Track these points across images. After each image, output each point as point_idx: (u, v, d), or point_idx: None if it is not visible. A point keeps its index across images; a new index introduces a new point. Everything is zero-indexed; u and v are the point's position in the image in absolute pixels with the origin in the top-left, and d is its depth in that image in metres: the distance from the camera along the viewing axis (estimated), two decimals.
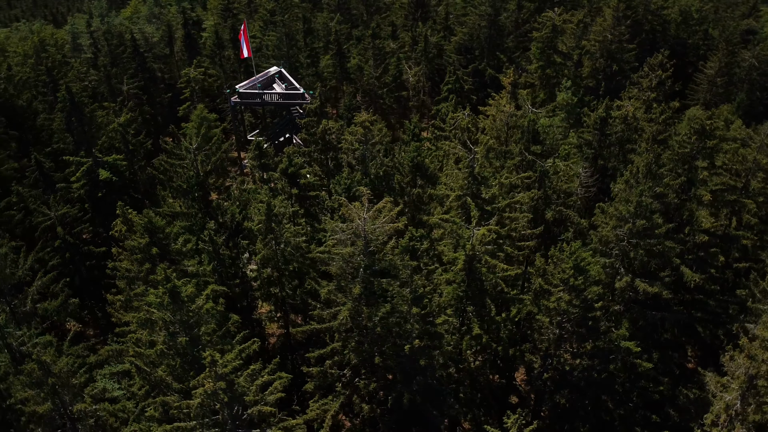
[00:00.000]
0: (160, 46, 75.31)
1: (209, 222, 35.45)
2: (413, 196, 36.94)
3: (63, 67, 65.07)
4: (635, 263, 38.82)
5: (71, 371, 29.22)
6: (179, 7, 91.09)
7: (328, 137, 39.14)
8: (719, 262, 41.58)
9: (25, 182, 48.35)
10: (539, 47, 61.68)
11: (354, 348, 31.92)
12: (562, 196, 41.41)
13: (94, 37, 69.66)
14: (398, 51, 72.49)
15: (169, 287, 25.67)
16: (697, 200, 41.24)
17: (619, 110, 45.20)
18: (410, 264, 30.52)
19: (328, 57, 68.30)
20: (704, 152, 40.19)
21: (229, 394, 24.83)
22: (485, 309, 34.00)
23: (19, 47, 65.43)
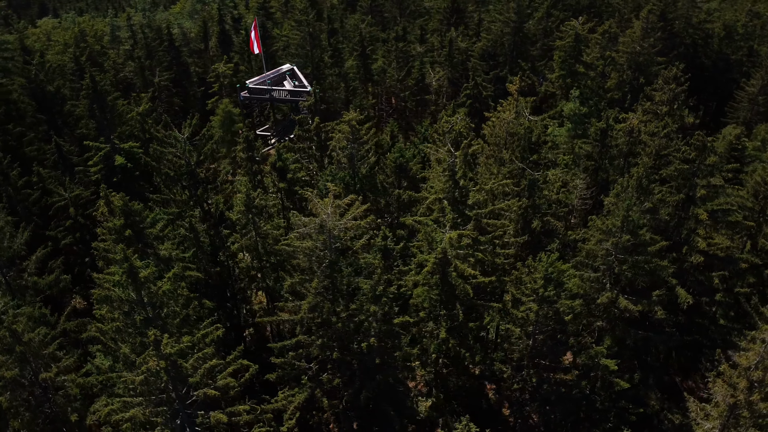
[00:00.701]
0: (195, 42, 77.88)
1: (195, 210, 36.64)
2: (394, 196, 37.13)
3: (100, 57, 68.20)
4: (622, 279, 37.80)
5: (44, 342, 30.78)
6: (221, 3, 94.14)
7: (322, 134, 39.80)
8: (714, 284, 40.00)
9: (46, 163, 50.95)
10: (561, 56, 60.68)
11: (317, 342, 32.36)
12: (554, 207, 40.71)
13: (132, 30, 72.68)
14: (424, 55, 72.62)
15: (126, 267, 26.77)
16: (695, 219, 39.76)
17: (624, 122, 44.06)
18: (373, 263, 30.74)
19: (352, 58, 69.08)
20: (703, 170, 38.76)
21: (172, 374, 25.68)
22: (455, 314, 33.83)
23: (61, 36, 69.04)
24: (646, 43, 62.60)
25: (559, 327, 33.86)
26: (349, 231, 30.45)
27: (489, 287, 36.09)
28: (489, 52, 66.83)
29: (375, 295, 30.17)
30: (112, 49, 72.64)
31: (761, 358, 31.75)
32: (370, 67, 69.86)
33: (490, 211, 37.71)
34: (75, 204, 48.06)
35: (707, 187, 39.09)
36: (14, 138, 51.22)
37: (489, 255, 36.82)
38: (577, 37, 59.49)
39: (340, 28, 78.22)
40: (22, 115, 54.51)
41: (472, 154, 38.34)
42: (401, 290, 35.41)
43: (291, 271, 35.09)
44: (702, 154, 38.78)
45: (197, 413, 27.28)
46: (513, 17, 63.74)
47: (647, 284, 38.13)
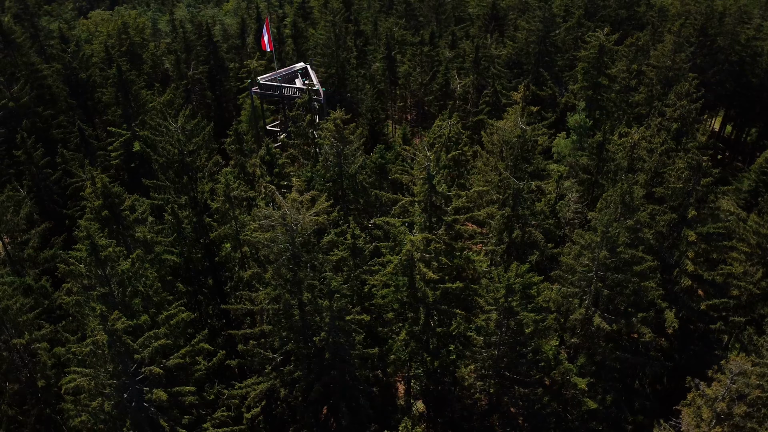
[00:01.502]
0: (234, 38, 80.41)
1: (181, 197, 38.10)
2: (372, 196, 37.45)
3: (139, 48, 71.48)
4: (601, 297, 36.79)
5: (22, 310, 32.78)
6: (267, 2, 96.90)
7: (315, 132, 40.58)
8: (700, 311, 38.38)
9: (69, 146, 53.92)
10: (584, 67, 59.30)
11: (282, 333, 33.10)
12: (540, 217, 40.02)
13: (174, 24, 75.75)
14: (453, 60, 72.50)
15: (87, 244, 28.27)
16: (685, 241, 38.28)
17: (626, 137, 42.82)
18: (330, 259, 31.18)
19: (379, 60, 69.76)
20: (698, 190, 37.30)
21: (120, 349, 26.91)
22: (417, 317, 33.86)
23: (105, 28, 72.82)
24: (678, 57, 60.39)
25: (521, 339, 33.30)
26: (312, 226, 31.02)
27: (462, 294, 35.85)
28: (514, 60, 66.07)
29: (330, 290, 30.59)
30: (153, 42, 75.93)
31: (727, 389, 30.40)
32: (395, 70, 70.35)
33: (469, 217, 37.51)
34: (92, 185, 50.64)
35: (700, 208, 37.61)
36: (42, 120, 54.42)
37: (462, 261, 36.64)
38: (601, 49, 57.96)
39: (374, 31, 79.13)
40: (55, 100, 57.86)
41: (454, 158, 38.25)
42: (371, 290, 35.73)
43: (263, 262, 35.97)
44: (696, 173, 37.36)
45: (144, 389, 28.45)
46: (539, 26, 62.77)
47: (626, 304, 36.95)
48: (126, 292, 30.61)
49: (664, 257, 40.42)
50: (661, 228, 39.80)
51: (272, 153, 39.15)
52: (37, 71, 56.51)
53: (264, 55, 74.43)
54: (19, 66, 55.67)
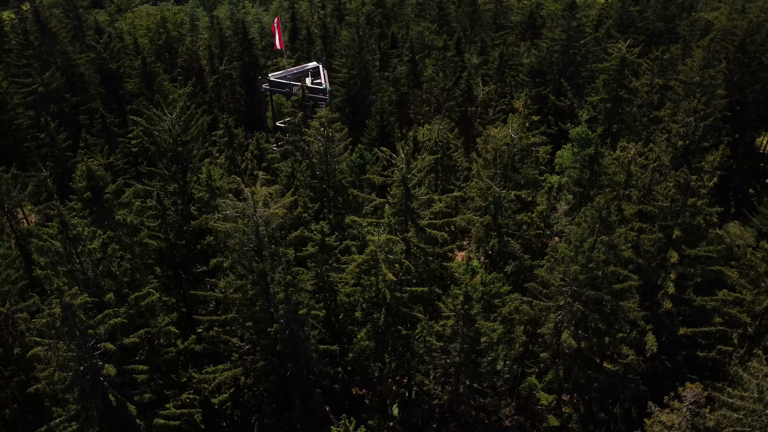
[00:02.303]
0: (269, 36, 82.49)
1: (170, 185, 39.60)
2: (348, 196, 37.80)
3: (176, 42, 74.35)
4: (574, 314, 35.91)
5: (7, 280, 34.88)
6: (309, 2, 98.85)
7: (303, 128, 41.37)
8: (678, 334, 36.76)
9: (92, 131, 56.71)
10: (605, 79, 57.78)
11: (240, 322, 33.95)
12: (524, 228, 39.36)
13: (212, 21, 78.48)
14: (480, 67, 71.97)
15: (57, 222, 29.89)
16: (669, 262, 36.78)
17: (622, 152, 41.56)
18: (289, 253, 31.75)
19: (404, 63, 70.06)
20: (684, 210, 35.84)
21: (69, 323, 28.29)
22: (378, 318, 34.00)
23: (145, 21, 76.17)
24: (707, 73, 58.01)
25: (480, 348, 32.87)
26: (276, 219, 31.72)
27: (429, 298, 35.75)
28: (537, 70, 65.03)
29: (286, 282, 31.17)
30: (190, 37, 78.76)
31: (684, 419, 29.25)
32: (419, 74, 70.43)
33: (446, 222, 37.36)
34: (108, 170, 53.13)
35: (686, 228, 36.18)
36: (69, 106, 57.46)
37: (435, 266, 36.53)
38: (623, 61, 56.30)
39: (405, 35, 79.36)
40: (86, 87, 61.00)
41: (444, 164, 38.17)
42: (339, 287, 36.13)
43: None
44: (685, 193, 35.95)
45: (100, 364, 29.76)
46: (562, 36, 61.56)
47: (604, 323, 35.87)
48: (97, 270, 32.12)
49: (649, 278, 39.03)
50: (648, 247, 38.47)
51: (261, 148, 40.11)
52: (69, 59, 59.74)
53: (293, 53, 76.08)
54: (53, 54, 59.01)
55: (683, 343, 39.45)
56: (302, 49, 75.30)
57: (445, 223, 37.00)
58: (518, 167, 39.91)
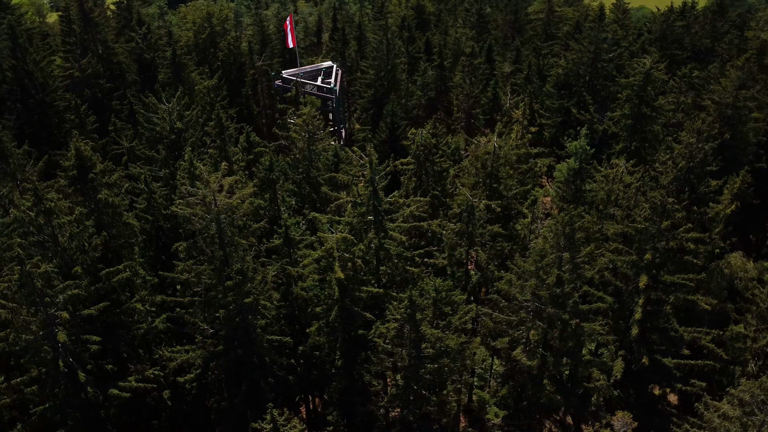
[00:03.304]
0: (310, 35, 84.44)
1: (162, 170, 41.57)
2: (322, 194, 38.38)
3: (218, 37, 77.39)
4: (538, 330, 35.06)
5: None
6: (359, 4, 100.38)
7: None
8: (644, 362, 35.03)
9: (121, 116, 59.99)
10: (627, 95, 55.73)
11: (197, 305, 35.25)
12: (499, 240, 38.68)
13: (258, 17, 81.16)
14: (512, 75, 71.01)
15: (31, 196, 32.15)
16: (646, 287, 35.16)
17: (612, 169, 40.08)
18: (242, 242, 32.69)
19: (432, 68, 70.12)
20: (661, 234, 34.22)
21: (27, 290, 30.36)
22: (327, 315, 34.43)
23: (192, 16, 79.65)
24: (741, 95, 54.84)
25: (425, 354, 32.65)
26: (235, 209, 32.83)
27: (385, 300, 35.86)
28: (563, 81, 63.42)
29: (236, 270, 32.14)
30: (234, 32, 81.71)
31: None
32: (446, 79, 70.24)
33: (413, 226, 37.34)
34: (129, 153, 56.19)
35: (657, 252, 34.58)
36: (103, 92, 61.01)
37: (396, 268, 36.60)
38: (647, 77, 54.10)
39: (444, 40, 79.19)
40: (123, 75, 64.63)
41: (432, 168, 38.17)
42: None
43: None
44: (661, 216, 34.39)
45: (55, 330, 31.75)
46: (589, 47, 59.72)
47: (559, 341, 34.83)
48: (71, 244, 34.26)
49: (625, 301, 37.52)
50: (625, 270, 36.97)
51: (250, 141, 41.43)
52: (109, 48, 63.48)
53: (328, 53, 77.51)
54: (95, 42, 62.87)
55: (656, 371, 37.60)
56: (336, 49, 76.61)
57: (413, 227, 36.97)
58: (500, 177, 39.26)
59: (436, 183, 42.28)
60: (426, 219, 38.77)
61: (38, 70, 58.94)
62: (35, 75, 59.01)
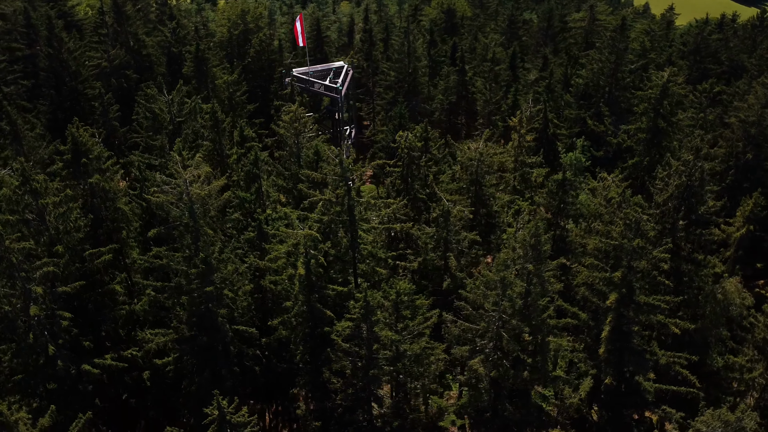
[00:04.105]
0: (342, 35, 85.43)
1: (158, 159, 43.11)
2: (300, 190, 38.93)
3: (251, 34, 79.35)
4: (502, 342, 34.51)
5: None
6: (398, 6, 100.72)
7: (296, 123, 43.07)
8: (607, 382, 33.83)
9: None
10: (643, 108, 53.92)
11: (170, 290, 36.43)
12: (476, 247, 38.22)
13: (289, 16, 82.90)
14: (536, 83, 69.79)
15: (18, 175, 34.06)
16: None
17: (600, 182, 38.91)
18: (209, 232, 33.60)
19: (453, 73, 69.78)
20: (630, 252, 33.05)
21: (5, 264, 32.19)
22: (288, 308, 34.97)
23: (227, 13, 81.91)
24: (767, 113, 52.30)
25: (375, 356, 32.67)
26: (208, 199, 33.84)
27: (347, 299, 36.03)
28: (583, 92, 61.86)
29: (200, 259, 33.08)
30: (268, 30, 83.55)
31: None
32: (467, 85, 69.71)
33: (386, 228, 37.40)
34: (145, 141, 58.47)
35: (631, 270, 33.43)
36: (130, 82, 63.67)
37: (366, 267, 36.75)
38: (664, 90, 52.17)
39: (474, 44, 78.61)
40: (151, 66, 67.23)
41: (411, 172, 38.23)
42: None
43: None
44: (635, 233, 33.26)
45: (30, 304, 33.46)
46: (611, 58, 58.00)
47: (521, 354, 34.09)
48: (57, 224, 36.07)
49: (599, 318, 36.39)
50: (600, 287, 35.87)
51: (244, 135, 42.48)
52: (139, 40, 66.19)
53: (356, 53, 78.18)
54: (125, 34, 65.69)
55: (629, 394, 36.28)
56: (363, 50, 77.26)
57: (391, 230, 37.07)
58: (482, 182, 38.80)
59: (422, 186, 42.14)
60: (404, 221, 38.74)
61: (72, 59, 62.14)
62: (69, 64, 62.24)
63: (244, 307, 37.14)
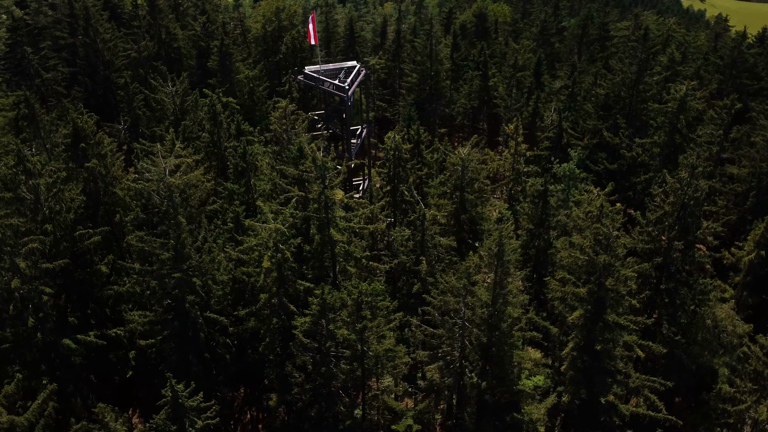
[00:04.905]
0: (374, 36, 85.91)
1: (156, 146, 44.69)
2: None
3: (284, 31, 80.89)
4: (465, 352, 34.14)
5: None
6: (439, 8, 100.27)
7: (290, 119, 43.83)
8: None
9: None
10: (660, 121, 51.92)
11: (148, 273, 37.72)
12: (453, 253, 37.85)
13: (326, 16, 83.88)
14: (561, 92, 68.35)
15: (14, 156, 36.10)
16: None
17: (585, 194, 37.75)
18: (181, 220, 34.60)
19: (475, 78, 69.14)
20: (604, 269, 31.98)
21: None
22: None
23: (263, 10, 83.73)
24: None
25: (332, 353, 32.85)
26: (185, 188, 34.94)
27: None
28: (603, 102, 60.04)
29: (171, 245, 34.19)
30: (302, 27, 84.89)
31: None
32: (489, 90, 68.88)
33: (361, 228, 37.56)
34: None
35: (601, 287, 32.40)
36: (158, 74, 66.01)
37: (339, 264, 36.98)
38: (681, 105, 50.07)
39: (505, 49, 77.57)
40: (180, 59, 69.57)
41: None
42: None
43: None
44: (605, 249, 32.23)
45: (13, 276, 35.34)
46: (633, 69, 56.03)
47: (484, 363, 33.57)
48: (50, 203, 37.98)
49: (569, 333, 35.35)
50: (572, 302, 34.88)
51: (240, 129, 43.51)
52: (171, 33, 68.60)
53: (384, 53, 78.47)
54: (158, 27, 68.22)
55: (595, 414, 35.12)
56: (390, 51, 77.48)
57: (361, 228, 37.20)
58: (464, 186, 38.36)
59: (407, 189, 42.02)
60: (384, 222, 38.78)
61: (106, 49, 65.13)
62: (103, 53, 65.27)
63: (219, 296, 38.06)
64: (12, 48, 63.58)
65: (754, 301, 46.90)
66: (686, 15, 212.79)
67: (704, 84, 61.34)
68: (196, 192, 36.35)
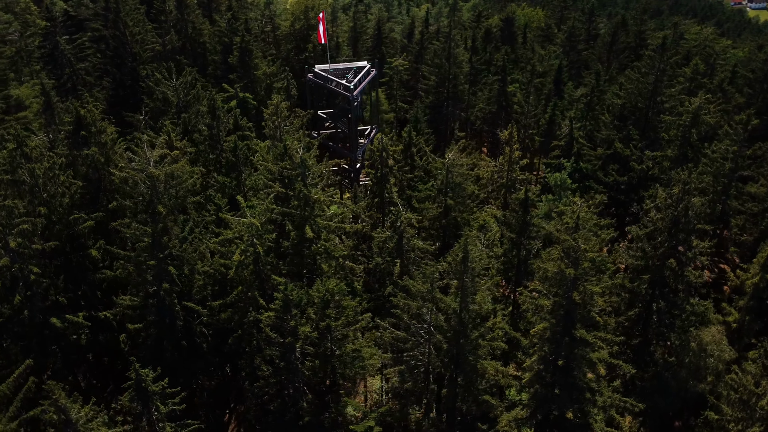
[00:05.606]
0: (402, 37, 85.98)
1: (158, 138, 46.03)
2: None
3: (312, 30, 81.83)
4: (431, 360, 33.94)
5: None
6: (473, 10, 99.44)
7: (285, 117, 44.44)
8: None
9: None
10: (673, 134, 50.09)
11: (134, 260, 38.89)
12: (429, 257, 37.56)
13: (354, 16, 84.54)
14: (580, 100, 66.77)
15: (13, 140, 37.85)
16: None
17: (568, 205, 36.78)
18: (160, 211, 35.52)
19: (493, 83, 68.31)
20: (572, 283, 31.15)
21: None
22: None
23: (292, 8, 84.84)
24: None
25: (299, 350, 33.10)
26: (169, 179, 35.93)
27: None
28: (620, 113, 58.29)
29: (150, 233, 35.19)
30: (331, 27, 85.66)
31: None
32: (507, 95, 67.88)
33: (337, 227, 37.75)
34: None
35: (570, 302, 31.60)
36: (180, 67, 67.88)
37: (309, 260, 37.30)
38: (695, 118, 48.18)
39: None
40: (204, 54, 71.32)
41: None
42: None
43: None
44: (574, 263, 31.42)
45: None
46: (650, 79, 54.17)
47: (446, 370, 33.21)
48: (46, 187, 39.67)
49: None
50: (544, 314, 34.06)
51: (238, 124, 44.37)
52: (196, 28, 70.40)
53: (409, 54, 78.38)
54: (185, 22, 70.11)
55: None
56: (413, 52, 77.35)
57: (337, 227, 37.38)
58: (449, 195, 37.97)
59: (389, 191, 41.93)
60: (368, 223, 38.85)
61: (135, 41, 67.35)
62: (131, 46, 67.52)
63: (200, 286, 38.87)
64: (45, 37, 66.57)
65: (759, 326, 44.72)
66: (748, 27, 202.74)
67: (728, 97, 58.74)
68: (182, 183, 37.19)
